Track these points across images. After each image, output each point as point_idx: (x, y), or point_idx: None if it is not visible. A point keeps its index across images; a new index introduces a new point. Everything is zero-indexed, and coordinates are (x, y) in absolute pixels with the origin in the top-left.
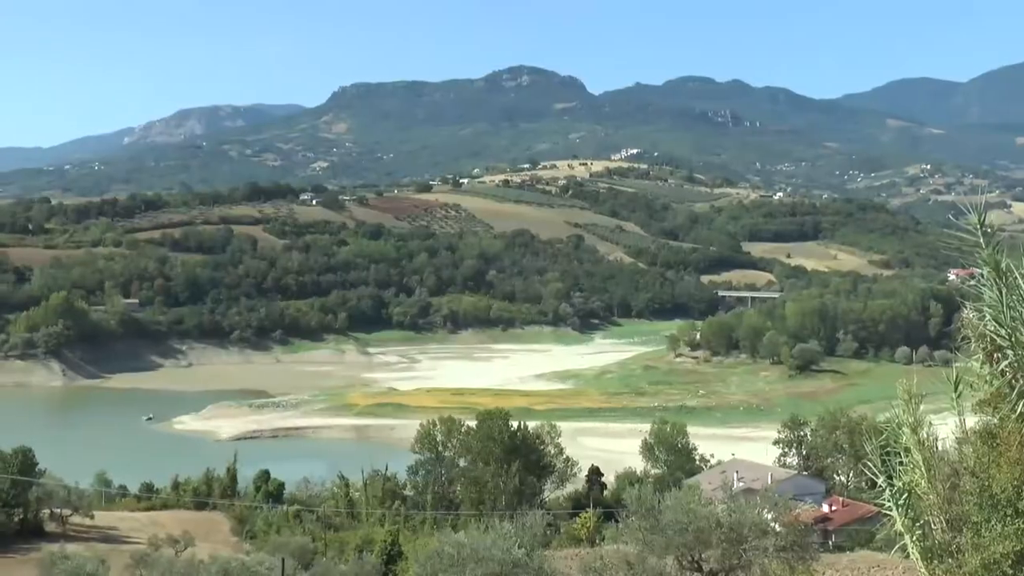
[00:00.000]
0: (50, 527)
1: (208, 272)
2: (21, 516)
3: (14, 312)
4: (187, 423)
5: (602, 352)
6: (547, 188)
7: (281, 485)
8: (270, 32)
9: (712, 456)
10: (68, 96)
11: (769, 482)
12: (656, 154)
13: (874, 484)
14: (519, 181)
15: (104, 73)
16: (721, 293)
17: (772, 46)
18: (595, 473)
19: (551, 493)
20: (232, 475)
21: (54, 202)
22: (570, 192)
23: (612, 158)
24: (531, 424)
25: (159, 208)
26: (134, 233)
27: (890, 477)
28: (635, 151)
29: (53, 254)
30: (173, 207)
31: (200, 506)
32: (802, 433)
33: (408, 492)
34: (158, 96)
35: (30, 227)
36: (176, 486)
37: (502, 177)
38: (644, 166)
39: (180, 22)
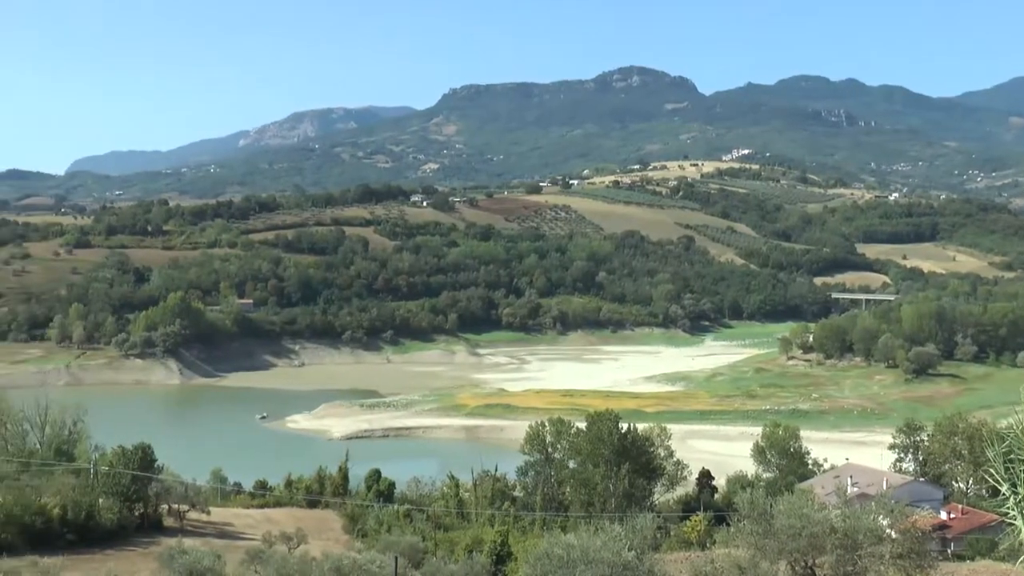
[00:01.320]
0: (168, 522)
1: (320, 273)
2: (141, 511)
3: (134, 312)
4: (300, 422)
5: (713, 354)
6: (657, 189)
7: (392, 484)
8: (382, 35)
9: (825, 460)
10: (186, 100)
11: (884, 488)
12: (768, 154)
13: (996, 492)
14: (629, 182)
15: (220, 77)
16: (834, 295)
17: (888, 43)
18: (706, 476)
19: (661, 496)
20: (344, 474)
21: (172, 204)
22: (680, 193)
23: (723, 159)
24: (641, 426)
25: (273, 210)
26: (249, 234)
27: (1014, 485)
28: (746, 151)
29: (171, 255)
30: (286, 209)
31: (312, 504)
32: (919, 438)
33: (517, 493)
34: (272, 99)
35: (149, 229)
36: (289, 484)
37: (612, 178)
38: (756, 167)
39: (294, 26)
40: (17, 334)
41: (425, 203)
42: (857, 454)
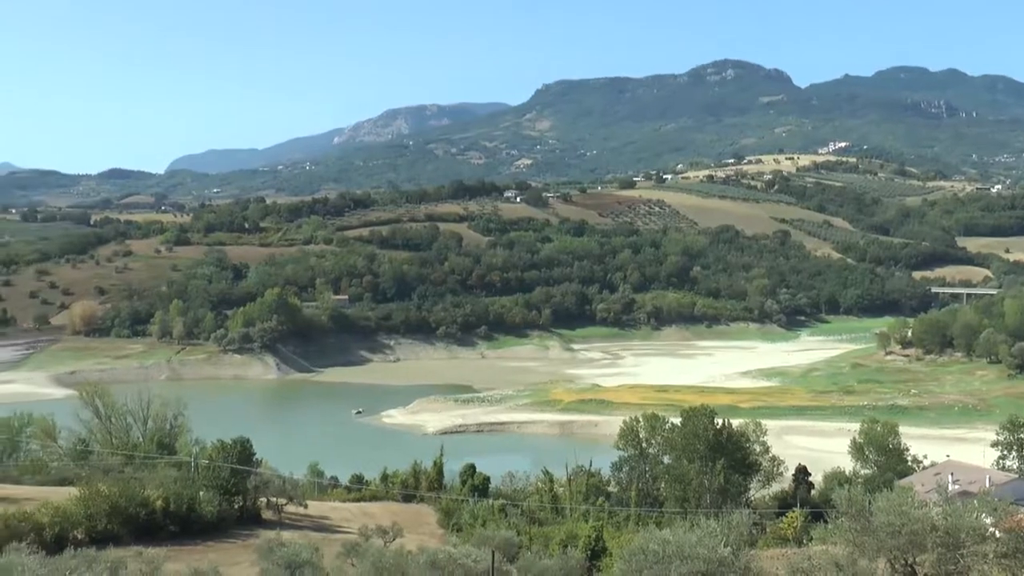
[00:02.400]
0: (267, 515)
1: (415, 269)
2: (240, 504)
3: (232, 308)
4: (395, 417)
5: (809, 349)
6: (752, 183)
7: (486, 479)
8: (475, 31)
9: (925, 457)
10: (282, 99)
11: (987, 485)
12: (865, 147)
13: None
14: (723, 176)
15: (315, 76)
16: (934, 289)
17: (990, 31)
18: (802, 472)
19: (756, 492)
20: (439, 468)
21: (268, 201)
22: (776, 187)
23: (819, 152)
24: (736, 422)
25: (367, 206)
26: (344, 231)
27: None
28: (843, 144)
29: (268, 252)
30: (381, 205)
31: (408, 498)
32: (1023, 435)
33: (612, 488)
34: (366, 97)
35: (246, 226)
36: (385, 478)
37: (706, 172)
38: (853, 160)
39: (387, 24)
40: (120, 330)
41: (518, 199)
42: (958, 451)
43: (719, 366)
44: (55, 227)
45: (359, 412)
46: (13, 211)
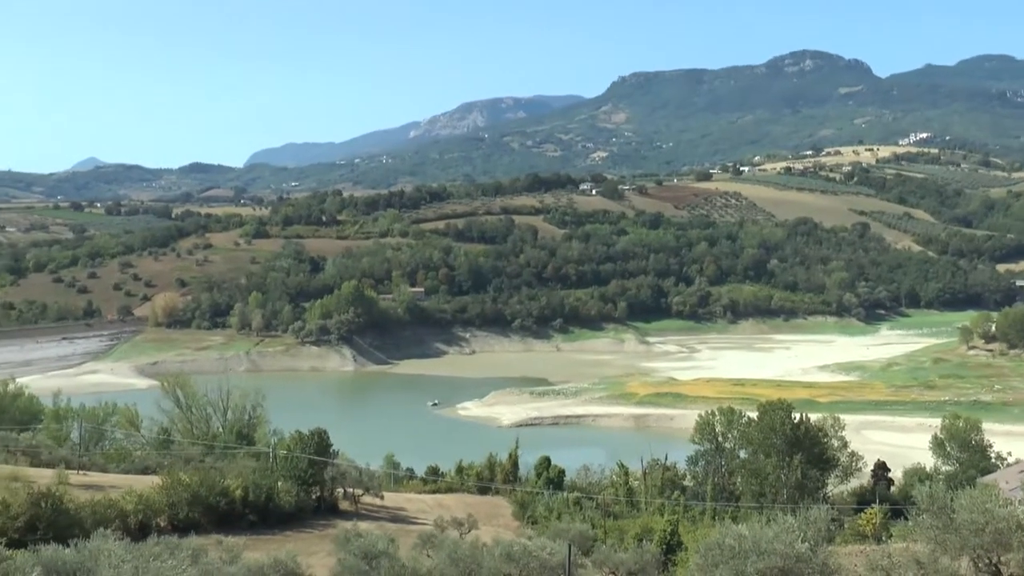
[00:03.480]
0: (344, 505)
1: (490, 261)
2: (318, 494)
3: (309, 300)
4: (470, 409)
5: (888, 343)
6: (831, 175)
7: (561, 472)
8: (551, 24)
9: (1009, 454)
10: (359, 93)
11: None
12: (948, 138)
13: None
14: (801, 168)
15: (392, 70)
16: (1019, 283)
17: None
18: (881, 468)
19: (834, 487)
20: (514, 461)
21: (345, 195)
22: (855, 179)
23: (900, 143)
24: (813, 416)
25: (443, 199)
26: (420, 224)
27: None
28: (924, 135)
29: (344, 244)
30: (457, 198)
31: (483, 490)
32: None
33: (687, 482)
34: (442, 90)
35: (323, 219)
36: (460, 470)
37: (783, 164)
38: (934, 151)
39: (464, 17)
40: (200, 321)
41: (594, 191)
42: None
43: (796, 360)
44: (138, 220)
45: (435, 404)
46: (99, 205)
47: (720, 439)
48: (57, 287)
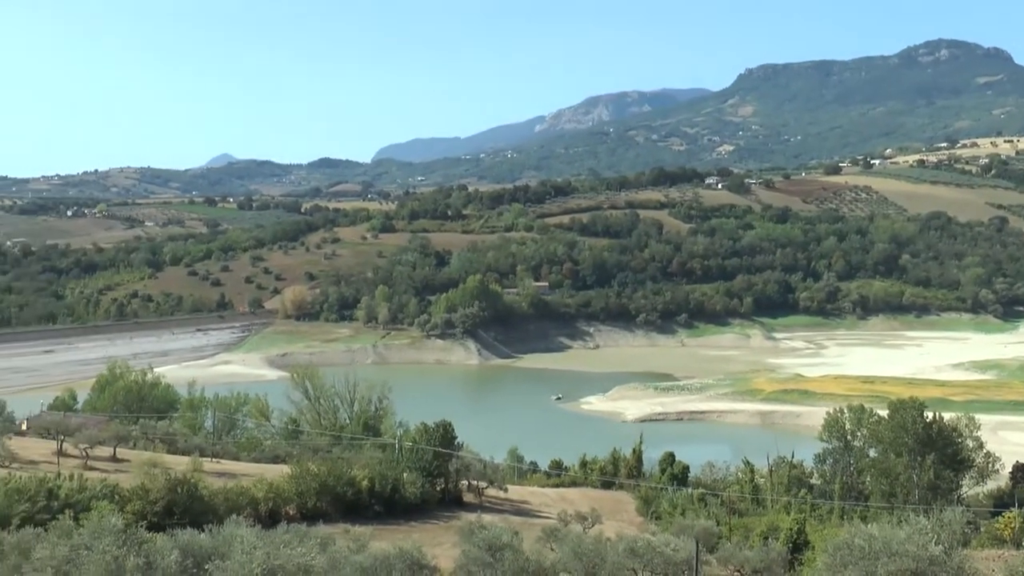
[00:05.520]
0: (468, 498)
1: (615, 256)
2: (442, 486)
3: (435, 294)
4: (594, 403)
5: None
6: (966, 168)
7: (686, 468)
8: (677, 17)
9: None
10: (484, 88)
11: None
12: None
13: None
14: (935, 161)
15: (517, 64)
16: None
17: None
18: (1021, 470)
19: (969, 489)
20: (638, 456)
21: (471, 189)
22: (993, 171)
23: None
24: (947, 415)
25: (568, 194)
26: (544, 218)
27: None
28: None
29: (470, 238)
30: (581, 193)
31: (607, 485)
32: None
33: (815, 481)
34: (567, 85)
35: (449, 213)
36: (584, 465)
37: (916, 157)
38: None
39: (588, 11)
40: (328, 314)
41: (720, 185)
42: None
43: (929, 357)
44: (269, 215)
45: (558, 398)
46: (231, 200)
47: (849, 437)
48: (192, 280)
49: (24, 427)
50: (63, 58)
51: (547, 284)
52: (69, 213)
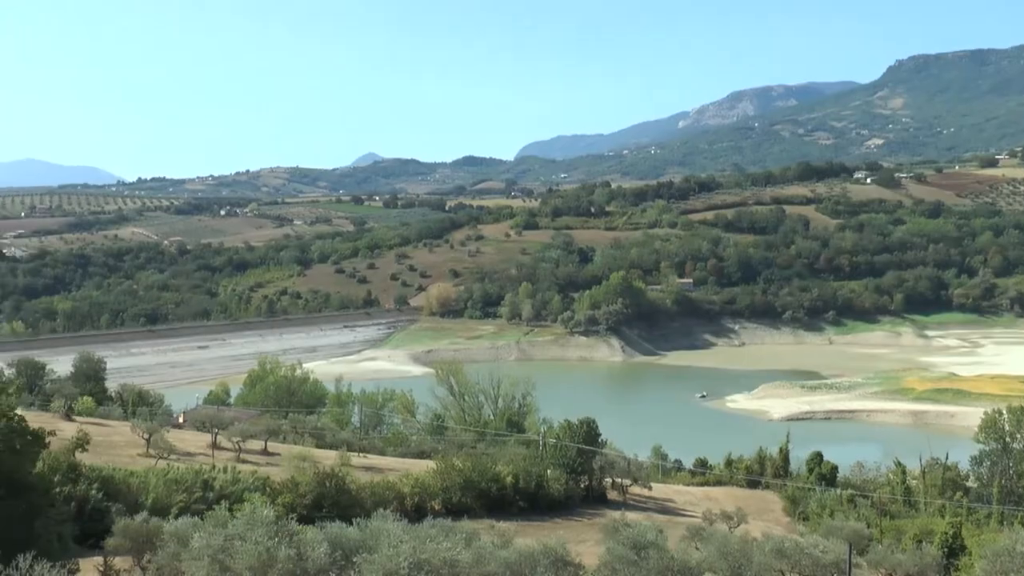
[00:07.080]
0: (612, 495)
1: (760, 252)
2: (586, 483)
3: (578, 290)
4: (739, 401)
5: None
6: None
7: (834, 468)
8: (823, 9)
9: None
10: (627, 85)
11: None
12: None
13: None
14: None
15: (660, 61)
16: None
17: None
18: None
19: None
20: (784, 455)
21: (614, 186)
22: None
23: None
24: None
25: (712, 190)
26: (688, 214)
27: None
28: None
29: (613, 235)
30: (725, 188)
31: (752, 484)
32: None
33: (971, 484)
34: (711, 80)
35: (592, 210)
36: (729, 463)
37: None
38: None
39: (733, 5)
40: (472, 311)
41: (869, 180)
42: None
43: None
44: (414, 213)
45: (703, 396)
46: (377, 198)
47: (1008, 439)
48: (339, 277)
49: (182, 420)
50: (221, 65)
51: (691, 281)
52: (222, 213)
